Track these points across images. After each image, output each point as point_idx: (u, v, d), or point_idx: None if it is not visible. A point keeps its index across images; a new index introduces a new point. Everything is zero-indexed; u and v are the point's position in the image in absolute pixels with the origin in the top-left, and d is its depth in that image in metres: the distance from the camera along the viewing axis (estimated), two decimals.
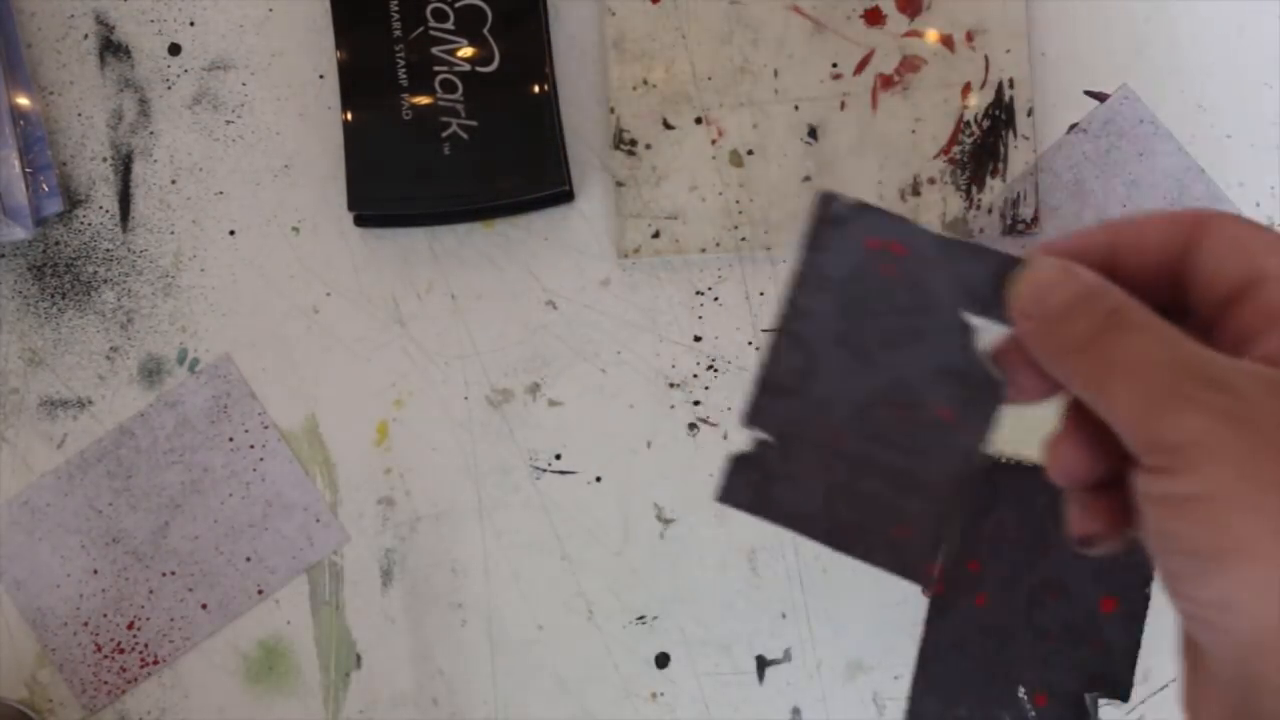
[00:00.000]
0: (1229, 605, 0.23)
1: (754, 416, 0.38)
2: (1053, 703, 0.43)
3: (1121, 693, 0.43)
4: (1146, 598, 0.43)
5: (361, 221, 0.45)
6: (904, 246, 0.38)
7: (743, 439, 0.39)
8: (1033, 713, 0.43)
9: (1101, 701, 0.43)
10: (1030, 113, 0.45)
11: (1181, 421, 0.25)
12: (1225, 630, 0.24)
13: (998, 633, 0.43)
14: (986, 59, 0.45)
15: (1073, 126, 0.45)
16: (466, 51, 0.44)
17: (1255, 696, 0.24)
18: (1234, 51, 0.45)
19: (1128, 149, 0.45)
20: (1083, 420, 0.30)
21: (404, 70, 0.44)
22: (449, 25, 0.44)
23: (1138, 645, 0.43)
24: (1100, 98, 0.45)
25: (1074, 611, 0.43)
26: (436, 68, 0.44)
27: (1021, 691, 0.43)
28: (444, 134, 0.44)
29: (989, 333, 0.36)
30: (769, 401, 0.39)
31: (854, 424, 0.39)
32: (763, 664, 0.44)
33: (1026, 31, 0.45)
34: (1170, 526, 0.25)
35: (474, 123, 0.44)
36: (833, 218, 0.38)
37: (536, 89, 0.44)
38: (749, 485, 0.39)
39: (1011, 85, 0.45)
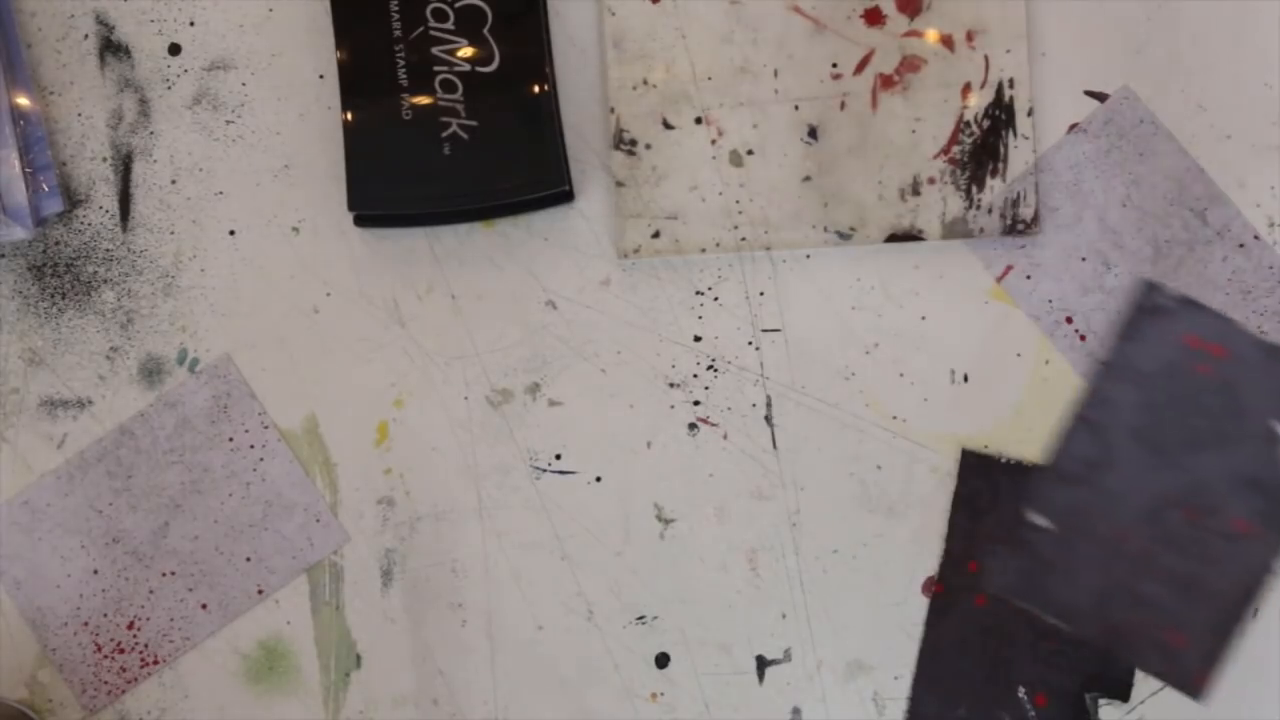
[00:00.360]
0: None
1: (1034, 503, 0.38)
2: (1052, 703, 0.43)
3: (1121, 693, 0.43)
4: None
5: (361, 221, 0.45)
6: (1224, 349, 0.37)
7: (1020, 525, 0.38)
8: (1032, 712, 0.43)
9: (1101, 701, 0.43)
10: (1030, 113, 0.45)
11: None
12: None
13: (997, 633, 0.43)
14: (986, 59, 0.45)
15: (1073, 126, 0.45)
16: (466, 51, 0.44)
17: None
18: (1234, 51, 0.45)
19: (1128, 149, 0.45)
20: None
21: (404, 70, 0.44)
22: (449, 25, 0.44)
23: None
24: (1100, 98, 0.45)
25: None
26: (436, 68, 0.44)
27: (1021, 692, 0.43)
28: (444, 134, 0.44)
29: None
30: (1055, 486, 0.38)
31: (1143, 524, 0.37)
32: (763, 664, 0.45)
33: (1026, 31, 0.45)
34: None
35: (474, 123, 0.44)
36: (1154, 309, 0.37)
37: (536, 89, 0.44)
38: (1020, 573, 0.38)
39: (1011, 85, 0.45)
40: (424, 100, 0.44)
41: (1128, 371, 0.36)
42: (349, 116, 0.44)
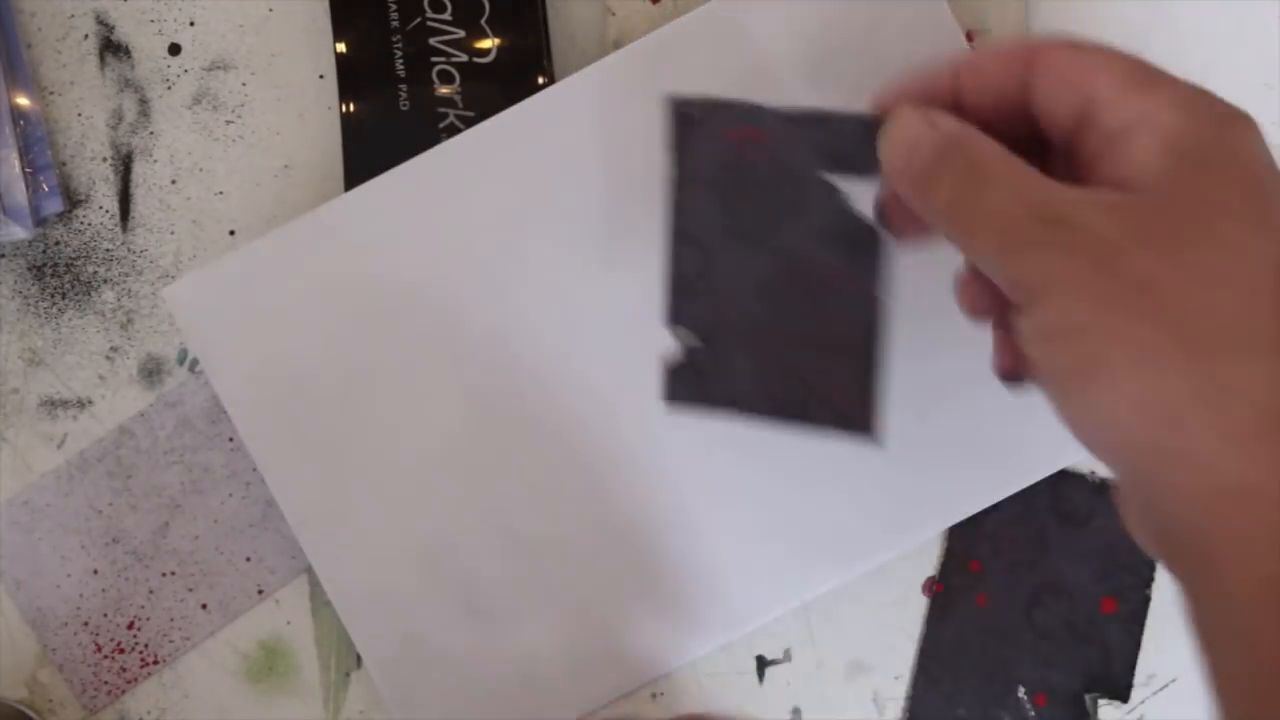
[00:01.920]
0: (1105, 421, 0.26)
1: (675, 318, 0.41)
2: (1052, 703, 0.43)
3: (1121, 693, 0.43)
4: (1147, 599, 0.43)
5: None
6: (757, 130, 0.40)
7: (671, 346, 0.41)
8: (1032, 713, 0.43)
9: (1101, 702, 0.43)
10: None
11: (1033, 263, 0.27)
12: (1109, 444, 0.27)
13: (998, 633, 0.43)
14: None
15: None
16: (464, 43, 0.44)
17: (1151, 493, 0.26)
18: (1234, 51, 0.45)
19: None
20: None
21: (401, 61, 0.44)
22: (446, 16, 0.44)
23: (1138, 646, 0.43)
24: None
25: (1075, 612, 0.43)
26: (434, 59, 0.44)
27: (1021, 691, 0.43)
28: (441, 125, 0.44)
29: (857, 190, 0.39)
30: (682, 302, 0.41)
31: (762, 305, 0.40)
32: (763, 664, 0.44)
33: (1026, 32, 0.45)
34: (1042, 358, 0.27)
35: (471, 114, 0.44)
36: (689, 120, 0.40)
37: (534, 80, 0.44)
38: (690, 386, 0.41)
39: None
40: (421, 91, 0.44)
41: (693, 181, 0.40)
42: (347, 108, 0.44)
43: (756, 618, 0.43)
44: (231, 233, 0.46)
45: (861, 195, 0.39)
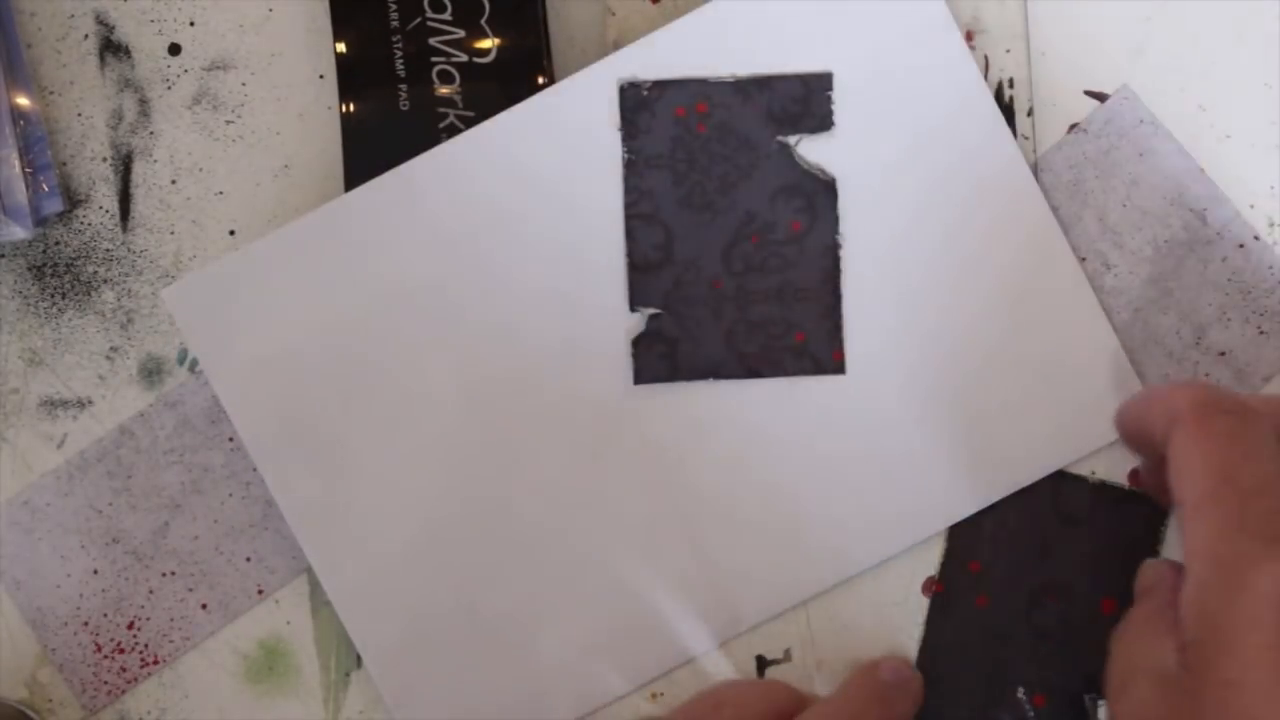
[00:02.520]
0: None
1: (636, 298, 0.43)
2: (1051, 703, 0.43)
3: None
4: None
5: None
6: (705, 104, 0.42)
7: (635, 322, 0.43)
8: (1032, 713, 0.43)
9: (1100, 702, 0.43)
10: (1030, 113, 0.45)
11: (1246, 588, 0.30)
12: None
13: (998, 633, 0.43)
14: (986, 59, 0.45)
15: (1073, 126, 0.45)
16: (464, 43, 0.44)
17: None
18: (1234, 51, 0.45)
19: (1128, 149, 0.45)
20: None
21: (401, 61, 0.44)
22: (446, 16, 0.44)
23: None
24: (1100, 98, 0.45)
25: (1074, 612, 0.43)
26: (434, 59, 0.44)
27: (1021, 692, 0.43)
28: (441, 125, 0.44)
29: (802, 145, 0.43)
30: (643, 279, 0.43)
31: (723, 267, 0.43)
32: (763, 664, 0.44)
33: (1026, 31, 0.45)
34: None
35: (471, 114, 0.44)
36: (639, 102, 0.42)
37: (534, 80, 0.44)
38: (659, 358, 0.43)
39: (1011, 85, 0.45)
40: (421, 91, 0.44)
41: (647, 160, 0.42)
42: (347, 107, 0.44)
43: (757, 616, 0.43)
44: (231, 233, 0.46)
45: (808, 150, 0.43)
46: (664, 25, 0.44)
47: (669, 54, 0.43)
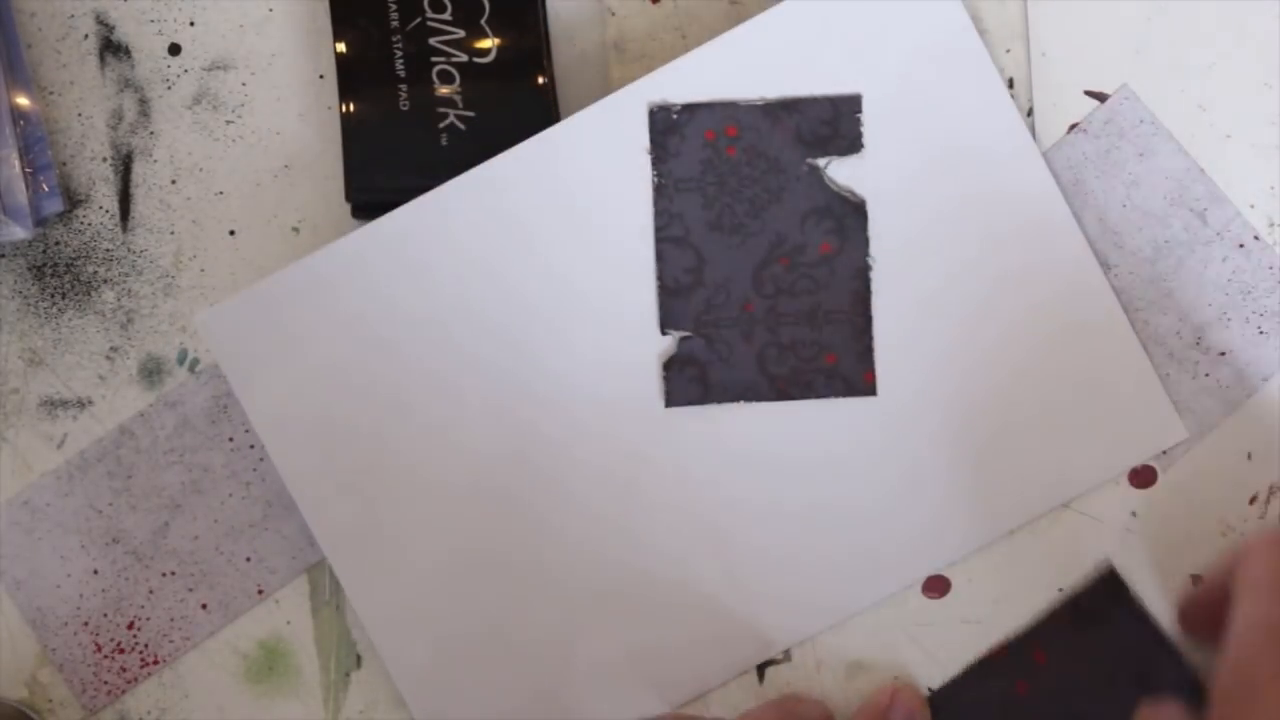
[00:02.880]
0: None
1: (667, 321, 0.43)
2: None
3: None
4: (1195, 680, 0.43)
5: (359, 213, 0.45)
6: (734, 127, 0.42)
7: (666, 345, 0.43)
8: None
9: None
10: (1030, 113, 0.45)
11: None
12: None
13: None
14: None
15: (1073, 126, 0.45)
16: (464, 43, 0.44)
17: None
18: (1234, 51, 0.45)
19: (1128, 149, 0.45)
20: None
21: (401, 61, 0.44)
22: (446, 16, 0.44)
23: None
24: (1100, 98, 0.45)
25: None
26: (434, 59, 0.44)
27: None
28: (441, 125, 0.44)
29: (831, 167, 0.43)
30: (674, 302, 0.43)
31: (754, 289, 0.43)
32: (763, 664, 0.44)
33: (1026, 31, 0.45)
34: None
35: (471, 114, 0.44)
36: (668, 126, 0.42)
37: (534, 80, 0.44)
38: (690, 381, 0.43)
39: (1011, 85, 0.45)
40: (421, 91, 0.44)
41: (678, 184, 0.42)
42: (347, 107, 0.44)
43: (789, 639, 0.43)
44: (231, 233, 0.46)
45: (838, 171, 0.42)
46: (665, 26, 0.44)
47: (698, 77, 0.43)
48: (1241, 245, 0.44)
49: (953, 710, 0.43)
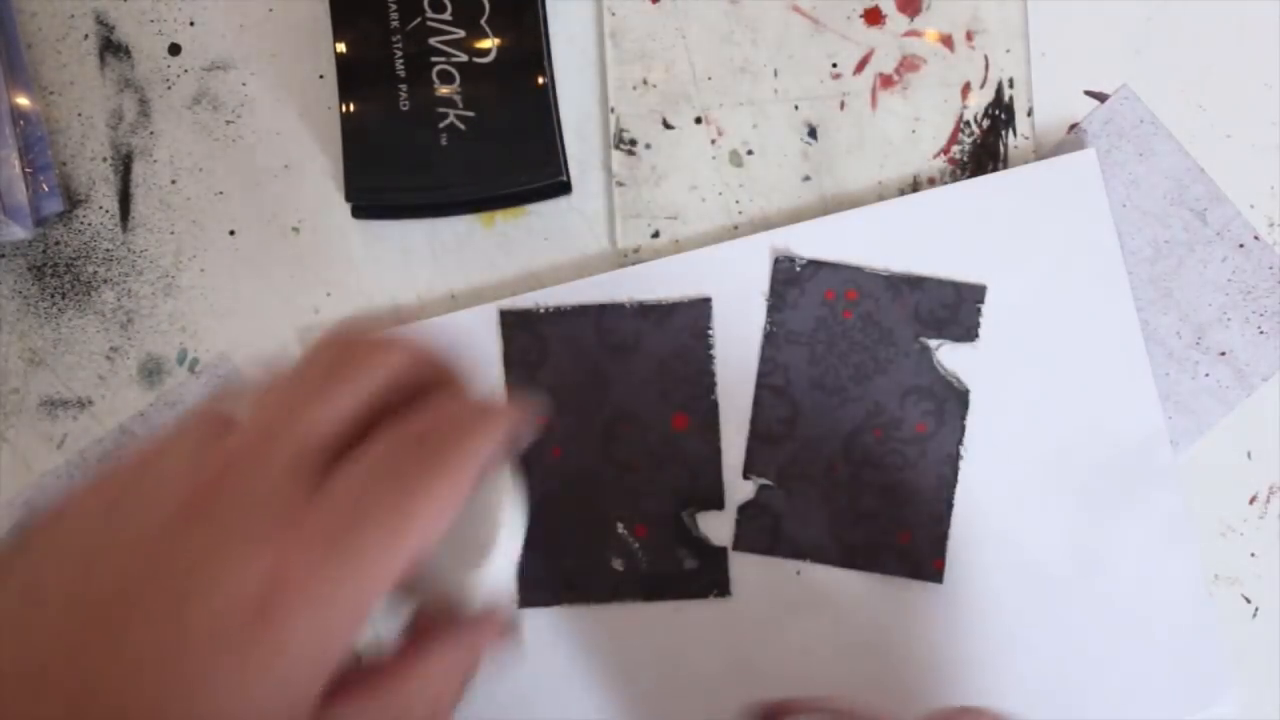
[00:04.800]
0: None
1: (752, 467, 0.43)
2: (653, 529, 0.43)
3: (715, 501, 0.43)
4: (714, 405, 0.43)
5: (359, 213, 0.45)
6: (856, 292, 0.43)
7: (745, 490, 0.43)
8: (636, 544, 0.43)
9: (699, 515, 0.43)
10: (1030, 113, 0.45)
11: None
12: None
13: (581, 478, 0.43)
14: (986, 59, 0.45)
15: (1073, 126, 0.45)
16: (464, 43, 0.44)
17: None
18: (1234, 51, 0.45)
19: (1128, 149, 0.45)
20: None
21: (401, 61, 0.44)
22: (446, 16, 0.44)
23: (718, 454, 0.43)
24: (1100, 98, 0.45)
25: (649, 437, 0.43)
26: (434, 59, 0.44)
27: (620, 527, 0.43)
28: (441, 125, 0.44)
29: (943, 350, 0.43)
30: (762, 449, 0.43)
31: (843, 453, 0.43)
32: None
33: (1026, 31, 0.45)
34: None
35: (471, 114, 0.44)
36: (791, 278, 0.42)
37: (534, 80, 0.44)
38: (760, 530, 0.43)
39: (1011, 85, 0.45)
40: (421, 91, 0.44)
41: (789, 335, 0.43)
42: (346, 108, 0.44)
43: None
44: (231, 233, 0.46)
45: (948, 356, 0.43)
46: (664, 26, 0.45)
47: (830, 237, 0.43)
48: (1241, 245, 0.44)
49: None
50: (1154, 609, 0.43)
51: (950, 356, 0.43)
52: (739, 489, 0.43)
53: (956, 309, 0.43)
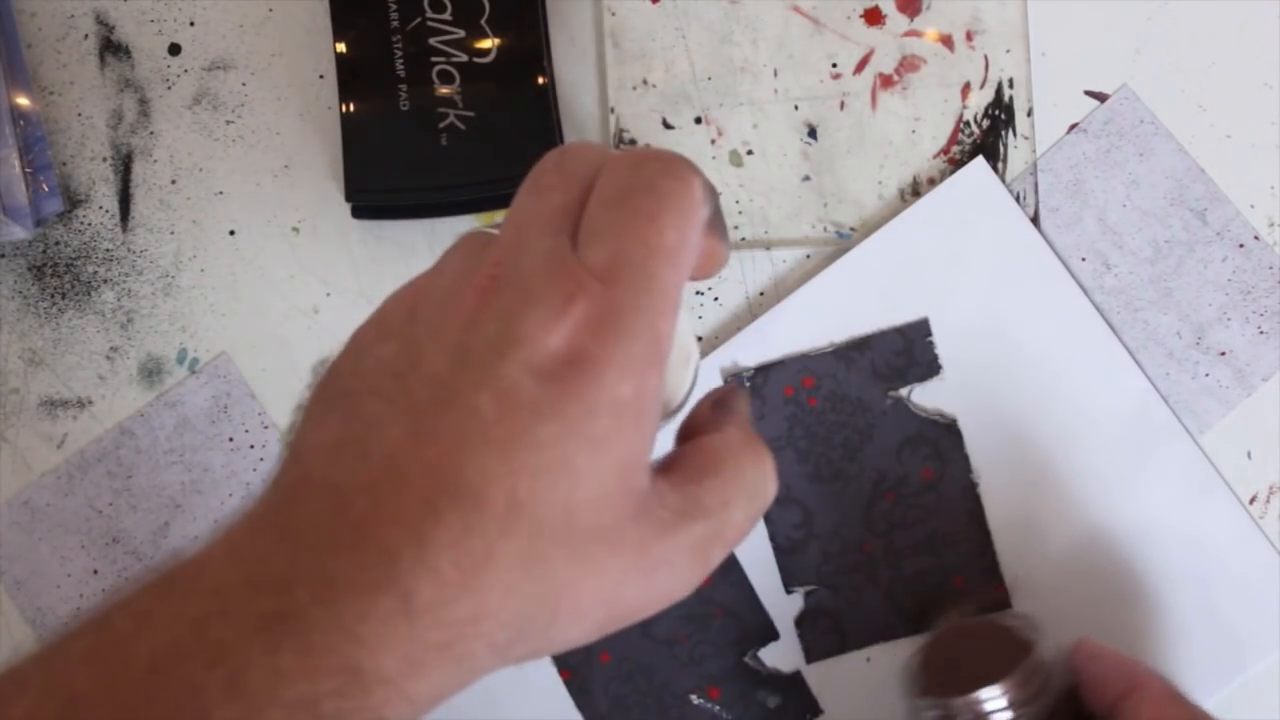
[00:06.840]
0: None
1: (790, 580, 0.43)
2: (725, 687, 0.43)
3: (769, 633, 0.43)
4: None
5: (358, 213, 0.45)
6: (812, 377, 0.43)
7: (794, 603, 0.42)
8: (716, 708, 0.43)
9: (761, 652, 0.42)
10: (1030, 113, 0.45)
11: None
12: None
13: (638, 670, 0.43)
14: (986, 59, 0.45)
15: (1073, 126, 0.45)
16: (464, 43, 0.44)
17: None
18: (1234, 51, 0.45)
19: (1128, 149, 0.45)
20: None
21: (401, 61, 0.44)
22: (446, 16, 0.44)
23: (750, 586, 0.43)
24: (1100, 98, 0.45)
25: (684, 604, 0.43)
26: (434, 59, 0.44)
27: (694, 699, 0.43)
28: (441, 125, 0.44)
29: (915, 394, 0.43)
30: (791, 559, 0.43)
31: (867, 530, 0.43)
32: None
33: (1026, 31, 0.45)
34: None
35: (471, 114, 0.44)
36: (749, 390, 0.42)
37: (534, 80, 0.44)
38: (825, 633, 0.43)
39: (1011, 85, 0.45)
40: (421, 91, 0.44)
41: (769, 445, 0.42)
42: (346, 108, 0.44)
43: None
44: (231, 233, 0.46)
45: (922, 397, 0.42)
46: (664, 26, 0.45)
47: (767, 338, 0.43)
48: (1241, 245, 0.44)
49: None
50: (1210, 566, 0.42)
51: (924, 396, 0.43)
52: (787, 606, 0.42)
53: (910, 352, 0.43)
